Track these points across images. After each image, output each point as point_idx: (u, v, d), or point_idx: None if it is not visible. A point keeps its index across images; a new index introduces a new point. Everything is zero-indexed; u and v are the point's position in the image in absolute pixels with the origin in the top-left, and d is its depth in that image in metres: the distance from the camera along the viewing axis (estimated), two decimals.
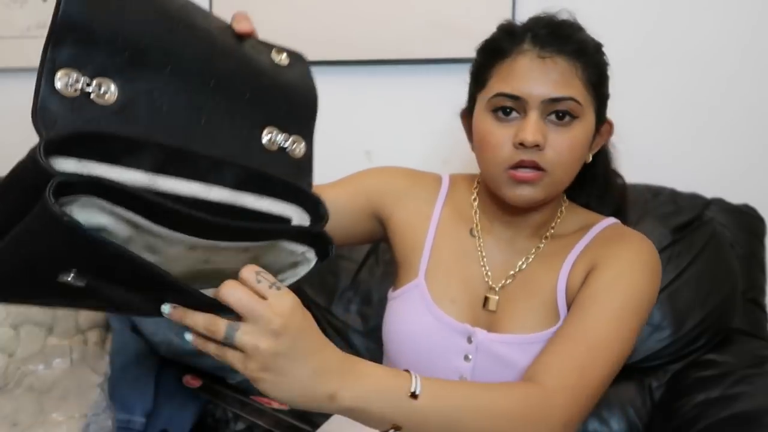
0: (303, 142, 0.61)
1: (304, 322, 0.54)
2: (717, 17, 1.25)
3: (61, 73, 0.44)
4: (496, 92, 0.76)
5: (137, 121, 0.48)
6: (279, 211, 0.59)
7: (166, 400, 1.10)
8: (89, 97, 0.46)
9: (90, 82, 0.46)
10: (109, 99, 0.47)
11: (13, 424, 0.85)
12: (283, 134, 0.59)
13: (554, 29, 0.77)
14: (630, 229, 0.84)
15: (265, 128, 0.58)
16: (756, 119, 1.26)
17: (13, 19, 1.57)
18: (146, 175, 0.48)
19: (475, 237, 0.86)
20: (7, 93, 1.62)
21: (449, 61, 1.31)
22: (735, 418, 0.88)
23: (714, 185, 1.21)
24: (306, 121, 0.61)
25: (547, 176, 0.76)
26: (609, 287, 0.75)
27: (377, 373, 0.59)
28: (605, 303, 0.74)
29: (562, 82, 0.74)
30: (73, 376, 0.91)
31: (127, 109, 0.48)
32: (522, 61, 0.76)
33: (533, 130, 0.73)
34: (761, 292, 1.18)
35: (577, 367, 0.69)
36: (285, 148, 0.59)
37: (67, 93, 0.45)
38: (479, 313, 0.83)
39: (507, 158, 0.76)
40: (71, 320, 1.02)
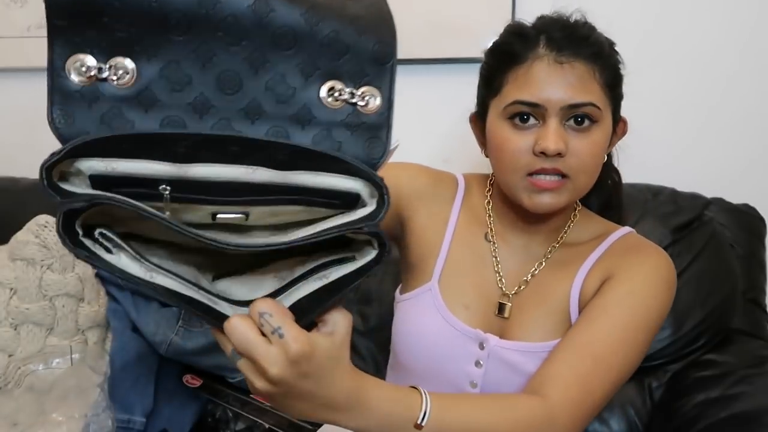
0: (377, 93, 0.49)
1: (308, 368, 0.48)
2: (717, 17, 1.25)
3: (70, 60, 0.42)
4: (513, 99, 0.74)
5: (162, 102, 0.44)
6: (343, 185, 0.49)
7: (166, 400, 1.10)
8: (105, 82, 0.43)
9: (104, 66, 0.43)
10: (127, 82, 0.43)
11: (13, 424, 0.85)
12: (350, 87, 0.48)
13: (570, 32, 0.75)
14: (647, 240, 0.83)
15: (325, 84, 0.48)
16: (756, 119, 1.26)
17: (13, 19, 1.57)
18: (174, 166, 0.45)
19: (490, 242, 0.85)
20: (7, 93, 1.62)
21: (449, 60, 1.31)
22: (735, 418, 0.88)
23: (714, 185, 1.21)
24: (380, 62, 0.49)
25: (570, 182, 0.74)
26: (622, 301, 0.74)
27: (383, 406, 0.56)
28: (616, 316, 0.73)
29: (580, 87, 0.72)
30: (73, 376, 0.91)
31: (149, 89, 0.44)
32: (539, 67, 0.73)
33: (555, 138, 0.72)
34: (761, 292, 1.18)
35: (582, 382, 0.68)
36: (354, 103, 0.49)
37: (81, 82, 0.42)
38: (492, 319, 0.82)
39: (526, 165, 0.74)
40: (71, 320, 1.02)
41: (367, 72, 0.48)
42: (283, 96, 0.47)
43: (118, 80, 0.43)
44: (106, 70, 0.43)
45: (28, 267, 1.00)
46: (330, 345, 0.49)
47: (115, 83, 0.43)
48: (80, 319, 1.03)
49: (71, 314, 1.02)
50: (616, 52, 0.79)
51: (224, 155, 0.46)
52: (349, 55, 0.48)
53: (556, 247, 0.83)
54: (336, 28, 0.47)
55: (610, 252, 0.80)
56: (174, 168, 0.45)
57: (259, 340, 0.47)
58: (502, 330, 0.81)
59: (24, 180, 1.51)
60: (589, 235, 0.84)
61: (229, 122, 0.46)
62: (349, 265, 0.51)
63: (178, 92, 0.45)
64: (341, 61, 0.48)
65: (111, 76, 0.43)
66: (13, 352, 0.98)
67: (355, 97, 0.48)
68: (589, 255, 0.80)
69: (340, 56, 0.47)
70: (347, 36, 0.47)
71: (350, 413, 0.54)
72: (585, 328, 0.73)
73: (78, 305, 1.03)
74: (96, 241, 0.45)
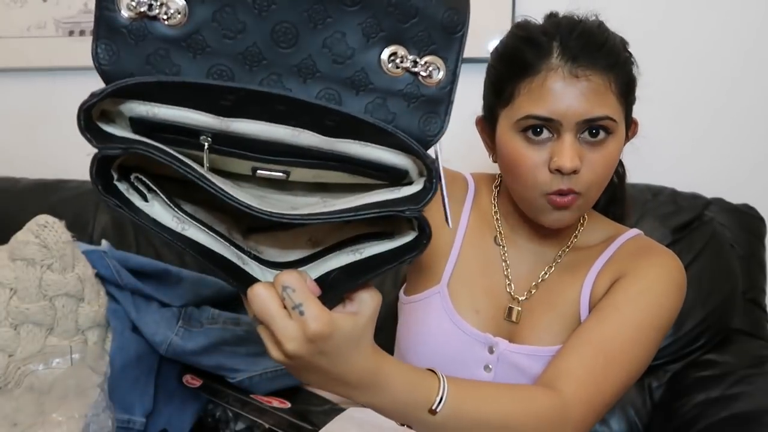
0: (442, 64, 0.45)
1: (324, 346, 0.47)
2: (719, 18, 1.25)
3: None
4: (526, 114, 0.72)
5: (212, 48, 0.42)
6: (391, 160, 0.47)
7: (166, 400, 1.10)
8: (155, 19, 0.40)
9: (154, 3, 0.40)
10: (178, 22, 0.41)
11: (13, 424, 0.85)
12: (413, 55, 0.45)
13: (586, 39, 0.71)
14: (656, 242, 0.82)
15: (387, 47, 0.44)
16: (756, 119, 1.26)
17: (13, 19, 1.57)
18: (217, 119, 0.43)
19: (500, 246, 0.85)
20: (7, 93, 1.62)
21: None
22: (735, 418, 0.88)
23: (714, 185, 1.21)
24: (448, 32, 0.45)
25: (581, 198, 0.73)
26: (634, 299, 0.73)
27: (399, 389, 0.55)
28: (627, 315, 0.72)
29: (596, 101, 0.70)
30: (73, 376, 0.91)
31: (199, 33, 0.41)
32: (553, 79, 0.70)
33: (571, 155, 0.70)
34: (761, 292, 1.18)
35: (594, 381, 0.68)
36: (416, 72, 0.45)
37: (130, 17, 0.40)
38: (501, 323, 0.81)
39: (544, 184, 0.73)
40: (71, 320, 1.02)
41: (435, 40, 0.44)
42: (341, 56, 0.44)
43: (168, 19, 0.41)
44: (157, 7, 0.40)
45: (28, 267, 1.00)
46: (352, 326, 0.48)
47: (165, 22, 0.41)
48: (80, 319, 1.03)
49: (71, 314, 1.02)
50: (630, 53, 0.76)
51: (270, 113, 0.43)
52: (417, 19, 0.44)
53: (566, 251, 0.83)
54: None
55: (620, 254, 0.80)
56: (217, 121, 0.43)
57: (279, 313, 0.46)
58: (511, 334, 0.80)
59: (24, 180, 1.51)
60: (598, 238, 0.84)
61: (279, 78, 0.43)
62: (386, 243, 0.48)
63: (230, 40, 0.42)
64: (408, 24, 0.44)
65: (161, 15, 0.40)
66: (13, 352, 0.98)
67: (417, 66, 0.45)
68: (599, 258, 0.80)
69: (408, 19, 0.44)
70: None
71: (364, 391, 0.53)
72: (597, 325, 0.72)
73: (78, 305, 1.03)
74: (131, 186, 0.44)
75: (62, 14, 1.55)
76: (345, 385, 0.52)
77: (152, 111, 0.42)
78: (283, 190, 0.52)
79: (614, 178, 0.90)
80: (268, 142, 0.44)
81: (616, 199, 0.91)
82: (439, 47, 0.45)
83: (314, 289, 0.47)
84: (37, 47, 1.56)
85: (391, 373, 0.54)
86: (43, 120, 1.57)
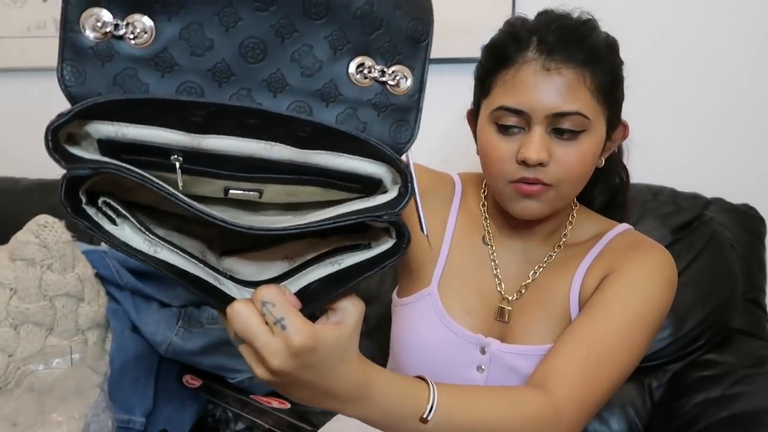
0: (409, 73, 0.46)
1: (310, 359, 0.46)
2: (719, 17, 1.25)
3: (86, 14, 0.39)
4: (498, 105, 0.73)
5: (180, 66, 0.41)
6: (364, 169, 0.47)
7: (166, 400, 1.10)
8: (122, 39, 0.40)
9: (120, 23, 0.39)
10: (144, 42, 0.40)
11: (13, 424, 0.85)
12: (381, 65, 0.45)
13: (563, 35, 0.71)
14: (646, 237, 0.82)
15: (354, 59, 0.45)
16: (756, 119, 1.26)
17: (13, 19, 1.57)
18: (187, 136, 0.42)
19: (488, 245, 0.84)
20: (7, 93, 1.63)
21: (449, 60, 1.31)
22: (735, 418, 0.88)
23: (714, 185, 1.21)
24: (413, 41, 0.46)
25: (552, 190, 0.73)
26: (624, 295, 0.73)
27: (388, 399, 0.54)
28: (618, 313, 0.72)
29: (568, 95, 0.70)
30: (73, 376, 0.91)
31: (167, 51, 0.41)
32: (526, 72, 0.71)
33: (537, 148, 0.70)
34: (761, 292, 1.18)
35: (586, 381, 0.68)
36: (384, 82, 0.46)
37: (96, 38, 0.39)
38: (493, 323, 0.81)
39: (510, 174, 0.73)
40: (71, 320, 1.02)
41: (401, 50, 0.46)
42: (310, 69, 0.44)
43: (134, 39, 0.40)
44: (123, 27, 0.40)
45: (28, 267, 1.00)
46: (337, 337, 0.47)
47: (132, 42, 0.40)
48: (80, 319, 1.03)
49: (71, 314, 1.02)
50: (615, 53, 0.75)
51: (241, 128, 0.43)
52: (382, 30, 0.45)
53: (557, 249, 0.82)
54: (371, 0, 0.44)
55: (609, 249, 0.79)
56: (187, 138, 0.42)
57: (260, 330, 0.44)
58: (502, 334, 0.80)
59: (24, 180, 1.52)
60: (587, 234, 0.83)
61: (249, 93, 0.43)
62: (364, 253, 0.48)
63: (198, 57, 0.42)
64: (374, 36, 0.45)
65: (128, 34, 0.40)
66: (13, 352, 0.98)
67: (385, 76, 0.46)
68: (587, 254, 0.80)
69: (373, 31, 0.44)
70: (382, 10, 0.44)
71: (354, 404, 0.52)
72: (588, 323, 0.72)
73: (78, 305, 1.03)
74: (99, 210, 0.43)
75: None
76: (334, 399, 0.51)
77: (121, 131, 0.41)
78: (255, 212, 0.51)
79: (617, 181, 0.90)
80: (240, 157, 0.44)
81: (617, 204, 0.90)
82: (405, 56, 0.46)
83: (294, 303, 0.46)
84: (37, 47, 1.56)
85: (380, 383, 0.53)
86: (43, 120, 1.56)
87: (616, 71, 0.75)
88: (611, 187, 0.90)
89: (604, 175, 0.88)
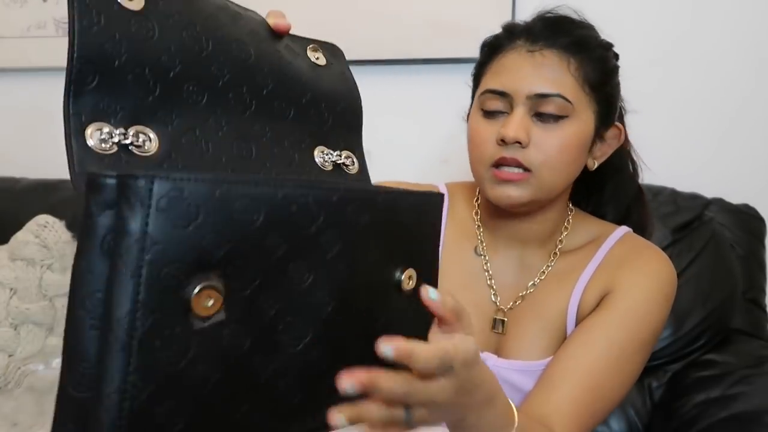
0: (354, 157, 0.54)
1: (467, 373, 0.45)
2: (718, 17, 1.25)
3: (91, 128, 0.39)
4: (484, 89, 0.74)
5: (185, 168, 0.42)
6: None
7: None
8: (128, 149, 0.40)
9: (126, 133, 0.40)
10: (150, 149, 0.41)
11: (13, 424, 0.85)
12: (336, 152, 0.53)
13: (550, 23, 0.73)
14: (646, 243, 0.80)
15: (315, 148, 0.51)
16: (756, 119, 1.26)
17: (13, 19, 1.57)
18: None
19: (481, 256, 0.82)
20: (7, 93, 1.62)
21: (449, 61, 1.31)
22: (735, 418, 0.88)
23: (714, 185, 1.21)
24: (352, 130, 0.55)
25: (532, 177, 0.72)
26: (621, 320, 0.72)
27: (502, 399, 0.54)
28: (615, 340, 0.71)
29: (551, 78, 0.70)
30: None
31: (171, 157, 0.42)
32: (511, 56, 0.73)
33: (515, 126, 0.70)
34: (761, 292, 1.18)
35: (586, 413, 0.68)
36: (340, 165, 0.53)
37: (104, 150, 0.39)
38: (488, 335, 0.80)
39: (490, 156, 0.73)
40: None
41: (343, 136, 0.54)
42: (287, 160, 0.49)
43: (140, 148, 0.40)
44: (130, 137, 0.40)
45: (28, 267, 1.00)
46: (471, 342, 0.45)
47: (137, 151, 0.40)
48: None
49: None
50: (608, 53, 0.75)
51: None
52: (330, 119, 0.52)
53: (554, 258, 0.80)
54: (317, 99, 0.51)
55: (609, 261, 0.77)
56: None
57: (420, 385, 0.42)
58: (499, 346, 0.79)
59: (24, 180, 1.51)
60: (583, 238, 0.81)
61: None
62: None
63: (201, 156, 0.43)
64: (324, 126, 0.52)
65: (134, 143, 0.40)
66: (13, 352, 0.98)
67: (342, 159, 0.53)
68: (587, 265, 0.78)
69: (324, 124, 0.52)
70: (325, 102, 0.52)
71: (488, 405, 0.51)
72: (586, 352, 0.71)
73: None
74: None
75: (62, 14, 1.55)
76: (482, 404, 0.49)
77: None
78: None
79: (629, 196, 0.86)
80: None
81: (632, 220, 0.86)
82: (349, 142, 0.55)
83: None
84: (37, 47, 1.56)
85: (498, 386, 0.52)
86: (43, 120, 1.57)
87: (606, 67, 0.74)
88: (621, 202, 0.87)
89: (612, 189, 0.86)
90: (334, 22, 1.38)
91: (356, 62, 1.39)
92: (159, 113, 0.42)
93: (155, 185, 0.33)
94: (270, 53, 0.49)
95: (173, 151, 0.42)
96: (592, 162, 0.77)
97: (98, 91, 0.39)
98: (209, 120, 0.44)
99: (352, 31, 1.36)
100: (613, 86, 0.76)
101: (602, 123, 0.75)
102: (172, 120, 0.42)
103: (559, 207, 0.80)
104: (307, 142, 0.51)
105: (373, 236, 0.44)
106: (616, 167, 0.84)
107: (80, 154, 0.38)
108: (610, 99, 0.76)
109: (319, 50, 0.55)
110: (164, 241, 0.33)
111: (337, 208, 0.41)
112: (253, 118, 0.47)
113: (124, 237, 0.33)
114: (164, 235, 0.33)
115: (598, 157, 0.78)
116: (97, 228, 0.34)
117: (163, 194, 0.33)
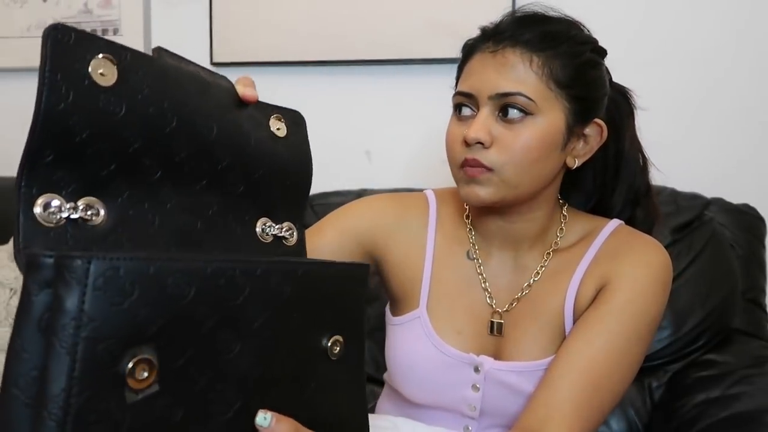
0: (295, 229, 0.56)
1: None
2: (718, 16, 1.25)
3: (42, 200, 0.38)
4: (455, 91, 0.77)
5: (129, 241, 0.42)
6: None
7: None
8: (76, 222, 0.40)
9: (75, 206, 0.40)
10: (97, 221, 0.41)
11: None
12: (278, 225, 0.55)
13: (515, 21, 0.74)
14: (639, 233, 0.79)
15: (258, 220, 0.53)
16: (756, 119, 1.26)
17: (13, 19, 1.57)
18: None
19: (473, 259, 0.82)
20: (7, 93, 1.62)
21: (449, 61, 1.29)
22: (735, 418, 0.88)
23: (714, 185, 1.21)
24: (298, 203, 0.57)
25: (495, 175, 0.71)
26: (620, 312, 0.71)
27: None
28: (614, 333, 0.70)
29: (512, 77, 0.70)
30: None
31: (117, 230, 0.42)
32: (478, 57, 0.74)
33: (476, 127, 0.71)
34: (761, 292, 1.18)
35: (585, 414, 0.68)
36: (279, 237, 0.55)
37: (50, 222, 0.39)
38: (485, 339, 0.79)
39: (458, 156, 0.74)
40: None
41: (287, 209, 0.56)
42: (228, 233, 0.50)
43: (87, 222, 0.41)
44: (79, 211, 0.40)
45: None
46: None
47: (84, 224, 0.41)
48: None
49: None
50: (582, 48, 0.73)
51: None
52: (278, 193, 0.54)
53: (548, 257, 0.79)
54: (269, 174, 0.53)
55: (602, 254, 0.76)
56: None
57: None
58: (496, 349, 0.78)
59: None
60: (576, 235, 0.80)
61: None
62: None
63: (147, 229, 0.44)
64: (271, 200, 0.54)
65: (82, 217, 0.40)
66: None
67: (282, 232, 0.55)
68: (581, 260, 0.77)
69: (271, 197, 0.54)
70: (276, 177, 0.53)
71: None
72: (584, 348, 0.70)
73: None
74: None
75: (62, 14, 1.55)
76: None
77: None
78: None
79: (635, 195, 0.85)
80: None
81: (637, 219, 0.85)
82: (291, 215, 0.56)
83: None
84: (37, 47, 1.54)
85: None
86: None
87: (576, 62, 0.72)
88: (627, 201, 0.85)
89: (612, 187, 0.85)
90: (334, 22, 1.38)
91: (356, 62, 1.40)
92: (111, 186, 0.42)
93: (92, 265, 0.34)
94: (232, 127, 0.50)
95: (119, 224, 0.42)
96: (572, 160, 0.76)
97: (53, 165, 0.39)
98: (160, 192, 0.45)
99: (351, 31, 1.36)
100: (588, 82, 0.74)
101: (577, 120, 0.73)
102: (123, 192, 0.43)
103: (546, 205, 0.79)
104: (251, 214, 0.52)
105: (297, 305, 0.46)
106: (629, 161, 0.83)
107: (26, 228, 0.38)
108: (584, 95, 0.73)
109: (282, 120, 0.56)
110: (100, 318, 0.34)
111: (262, 280, 0.43)
112: (203, 190, 0.48)
113: (61, 315, 0.33)
114: (100, 313, 0.34)
115: (581, 156, 0.76)
116: (34, 306, 0.34)
117: (100, 273, 0.34)
